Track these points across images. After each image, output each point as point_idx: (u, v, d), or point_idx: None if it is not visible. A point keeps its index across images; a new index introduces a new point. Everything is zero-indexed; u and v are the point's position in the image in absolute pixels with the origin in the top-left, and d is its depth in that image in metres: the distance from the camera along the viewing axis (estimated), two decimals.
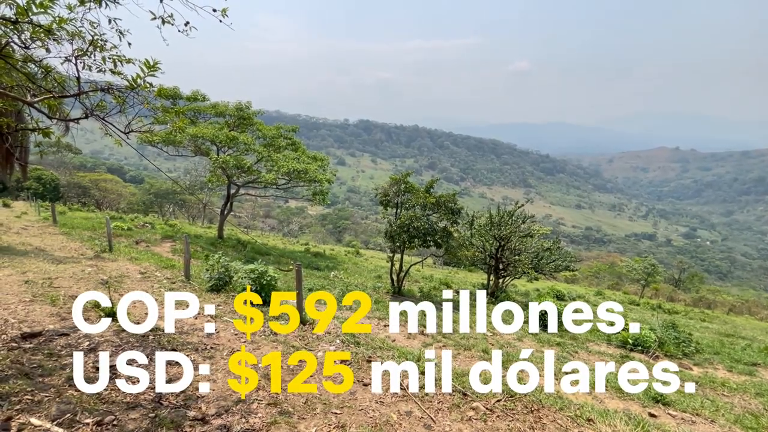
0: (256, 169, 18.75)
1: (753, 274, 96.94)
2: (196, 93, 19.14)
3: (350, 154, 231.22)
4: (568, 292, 21.98)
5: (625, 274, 45.00)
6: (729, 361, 8.67)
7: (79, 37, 4.11)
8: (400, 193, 12.49)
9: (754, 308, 35.93)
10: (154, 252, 13.31)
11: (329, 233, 74.27)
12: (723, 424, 4.57)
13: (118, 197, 43.23)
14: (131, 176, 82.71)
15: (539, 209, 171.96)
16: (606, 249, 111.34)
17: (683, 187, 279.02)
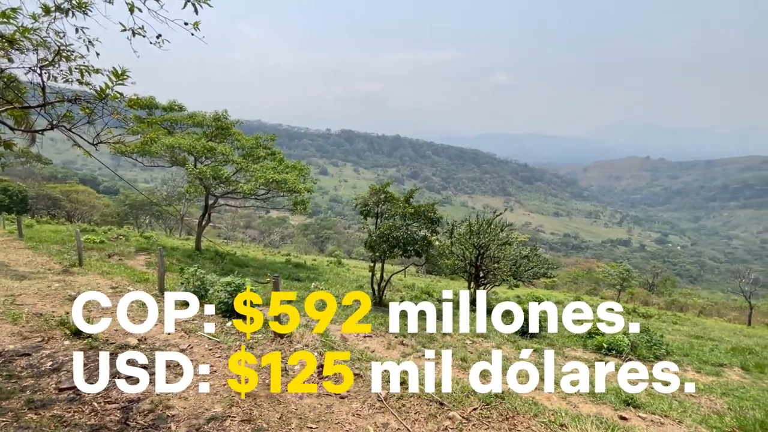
0: (235, 180, 18.50)
1: (721, 277, 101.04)
2: (172, 103, 18.84)
3: (333, 164, 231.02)
4: (548, 299, 22.37)
5: (602, 280, 46.22)
6: (697, 363, 8.99)
7: (45, 47, 4.03)
8: (380, 203, 12.54)
9: (723, 310, 37.42)
10: (127, 265, 12.88)
11: (312, 243, 73.51)
12: (690, 424, 4.72)
13: (91, 209, 41.69)
14: (105, 187, 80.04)
15: (519, 217, 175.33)
16: (584, 255, 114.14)
17: (654, 194, 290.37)
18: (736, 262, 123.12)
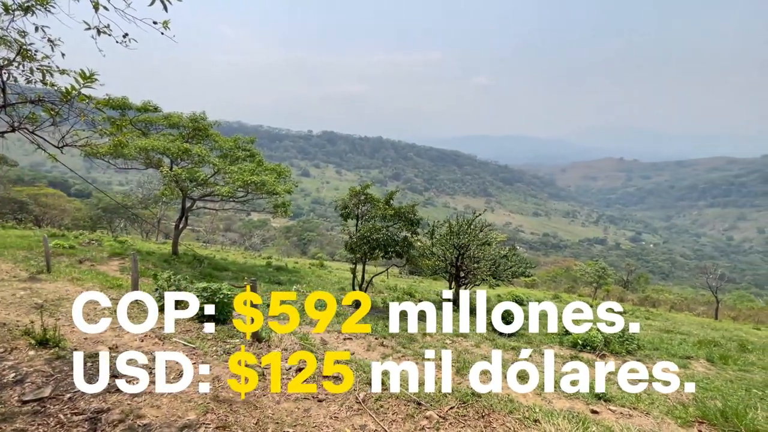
0: (213, 182, 18.14)
1: (690, 273, 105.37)
2: (146, 103, 18.34)
3: (314, 166, 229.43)
4: (527, 297, 22.84)
5: (580, 278, 47.51)
6: (666, 356, 9.35)
7: (6, 46, 3.88)
8: (360, 205, 12.56)
9: (692, 305, 39.05)
10: (99, 271, 12.47)
11: (294, 246, 72.72)
12: (656, 415, 4.92)
13: (61, 213, 40.01)
14: (77, 190, 76.97)
15: (500, 217, 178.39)
16: (562, 254, 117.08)
17: (628, 194, 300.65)
18: (704, 258, 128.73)
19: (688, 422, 4.89)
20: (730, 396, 6.31)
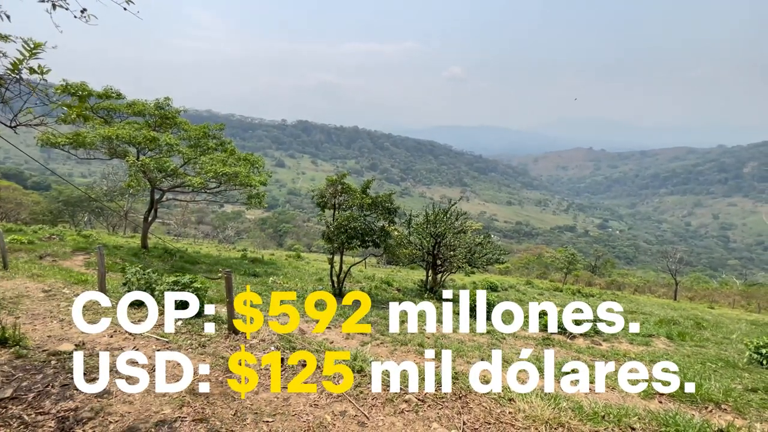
0: (183, 172, 17.49)
1: (653, 257, 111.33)
2: (108, 90, 17.36)
3: (289, 156, 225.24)
4: (501, 283, 23.50)
5: (551, 264, 49.24)
6: (630, 335, 9.89)
7: None
8: (337, 195, 12.47)
9: (654, 287, 41.37)
10: (62, 267, 11.86)
11: (270, 237, 71.60)
12: (621, 390, 5.21)
13: (18, 206, 37.64)
14: (34, 182, 72.51)
15: (475, 207, 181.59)
16: (534, 241, 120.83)
17: (596, 183, 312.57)
18: (665, 243, 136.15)
19: (650, 395, 5.21)
20: (688, 369, 6.75)
